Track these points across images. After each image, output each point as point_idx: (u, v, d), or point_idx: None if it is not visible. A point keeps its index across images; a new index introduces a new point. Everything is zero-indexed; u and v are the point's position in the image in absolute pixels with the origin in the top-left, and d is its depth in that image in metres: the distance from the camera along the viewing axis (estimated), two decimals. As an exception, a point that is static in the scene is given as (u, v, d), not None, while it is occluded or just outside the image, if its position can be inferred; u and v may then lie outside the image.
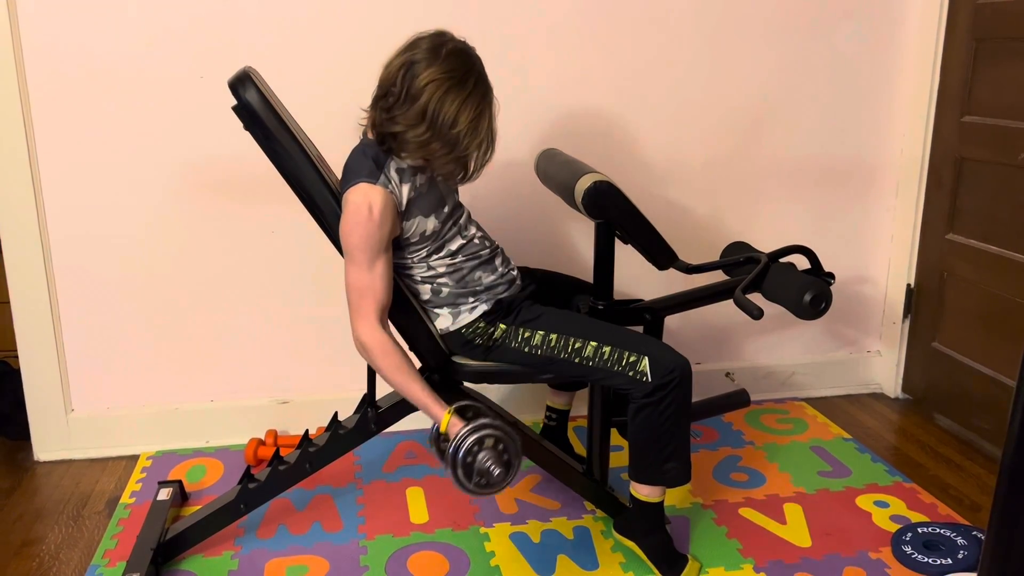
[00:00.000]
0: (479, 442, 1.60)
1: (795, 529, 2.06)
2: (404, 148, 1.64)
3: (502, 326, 1.80)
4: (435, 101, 1.57)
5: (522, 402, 2.57)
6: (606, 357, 1.75)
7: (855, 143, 2.67)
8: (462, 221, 1.81)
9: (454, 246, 1.78)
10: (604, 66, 2.45)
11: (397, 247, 1.74)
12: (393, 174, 1.67)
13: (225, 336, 2.44)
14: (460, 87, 1.58)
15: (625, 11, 2.42)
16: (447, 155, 1.62)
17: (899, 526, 2.04)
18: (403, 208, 1.68)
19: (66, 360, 2.38)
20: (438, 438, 1.75)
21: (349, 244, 1.65)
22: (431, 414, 1.68)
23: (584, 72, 2.44)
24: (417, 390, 1.68)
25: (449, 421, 1.64)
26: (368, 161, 1.67)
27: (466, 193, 1.95)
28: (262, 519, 2.08)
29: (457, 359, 1.85)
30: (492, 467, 1.61)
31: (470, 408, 1.72)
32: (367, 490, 2.22)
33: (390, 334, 1.69)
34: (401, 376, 1.68)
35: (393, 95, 1.60)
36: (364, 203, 1.62)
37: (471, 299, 1.80)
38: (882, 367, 2.85)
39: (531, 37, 2.38)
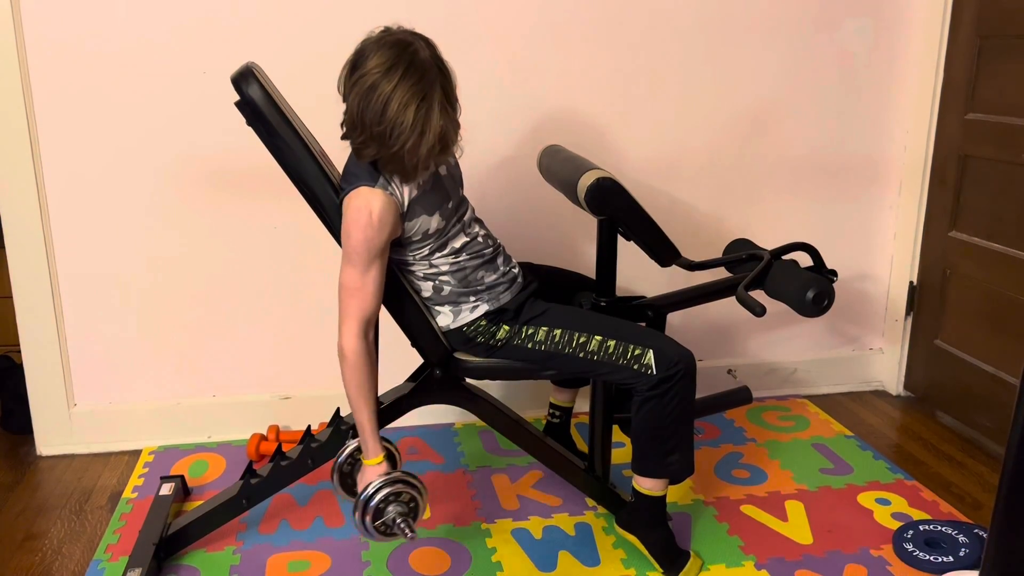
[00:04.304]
0: (396, 495, 1.66)
1: (796, 526, 2.06)
2: (360, 155, 1.60)
3: (505, 327, 1.80)
4: (361, 99, 1.52)
5: (524, 399, 2.57)
6: (611, 351, 1.75)
7: (858, 140, 2.66)
8: (466, 218, 1.81)
9: (458, 244, 1.77)
10: (608, 62, 2.44)
11: (399, 244, 1.73)
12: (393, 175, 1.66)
13: (227, 331, 2.44)
14: (385, 79, 1.50)
15: (629, 7, 2.41)
16: (386, 153, 1.55)
17: (901, 523, 2.04)
18: (405, 209, 1.67)
19: (68, 355, 2.38)
20: (348, 457, 1.82)
21: (348, 245, 1.65)
22: (367, 442, 1.70)
23: (587, 68, 2.44)
24: (365, 417, 1.69)
25: (378, 462, 1.68)
26: (367, 163, 1.67)
27: (469, 190, 1.95)
28: (264, 514, 2.09)
29: (459, 355, 1.85)
30: (400, 523, 1.66)
31: (392, 458, 1.78)
32: (369, 486, 2.23)
33: (370, 345, 1.69)
34: (358, 394, 1.68)
35: (343, 97, 1.59)
36: (365, 208, 1.62)
37: (472, 298, 1.80)
38: (884, 364, 2.85)
39: (534, 33, 2.38)
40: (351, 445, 1.86)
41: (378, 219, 1.62)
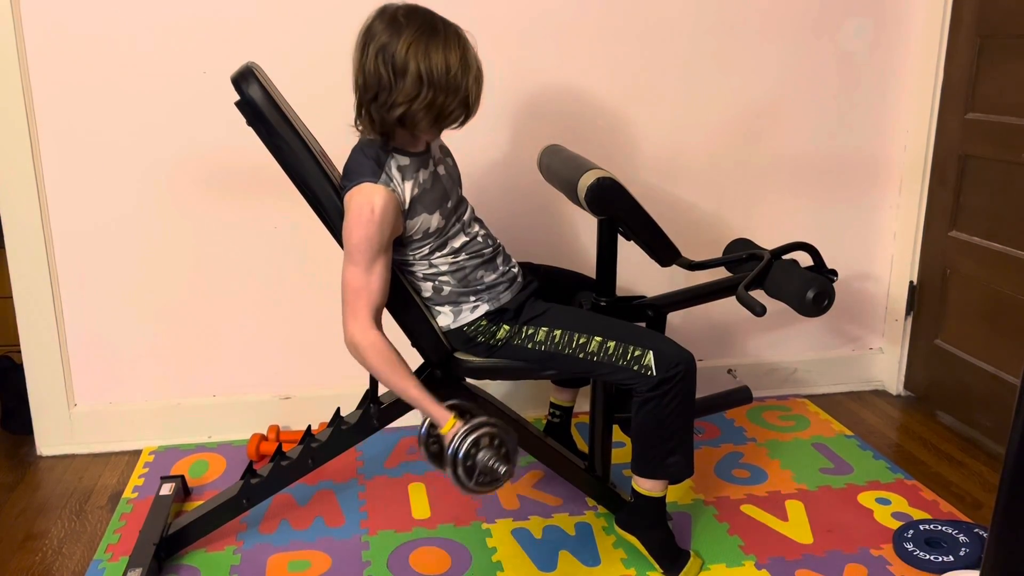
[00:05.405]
0: (475, 443, 1.60)
1: (797, 526, 2.06)
2: (416, 124, 1.62)
3: (506, 327, 1.80)
4: (423, 60, 1.56)
5: (525, 398, 2.57)
6: (611, 352, 1.75)
7: (859, 140, 2.66)
8: (466, 217, 1.81)
9: (457, 243, 1.77)
10: (608, 62, 2.44)
11: (399, 244, 1.73)
12: (395, 172, 1.66)
13: (228, 331, 2.44)
14: (434, 37, 1.58)
15: (630, 6, 2.41)
16: (455, 101, 1.61)
17: (901, 523, 2.04)
18: (406, 206, 1.68)
19: (68, 355, 2.38)
20: (428, 439, 1.73)
21: (349, 243, 1.65)
22: (429, 413, 1.66)
23: (588, 67, 2.44)
24: (412, 388, 1.66)
25: (451, 426, 1.63)
26: (369, 161, 1.66)
27: (469, 189, 1.95)
28: (264, 514, 2.09)
29: (459, 355, 1.85)
30: (495, 464, 1.61)
31: (461, 407, 1.71)
32: (369, 486, 2.23)
33: (383, 333, 1.68)
34: (396, 376, 1.66)
35: (384, 85, 1.59)
36: (367, 204, 1.62)
37: (472, 298, 1.80)
38: (884, 364, 2.85)
39: (534, 32, 2.38)
40: (424, 423, 1.74)
41: (380, 214, 1.62)
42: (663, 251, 1.93)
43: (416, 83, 1.57)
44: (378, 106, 1.61)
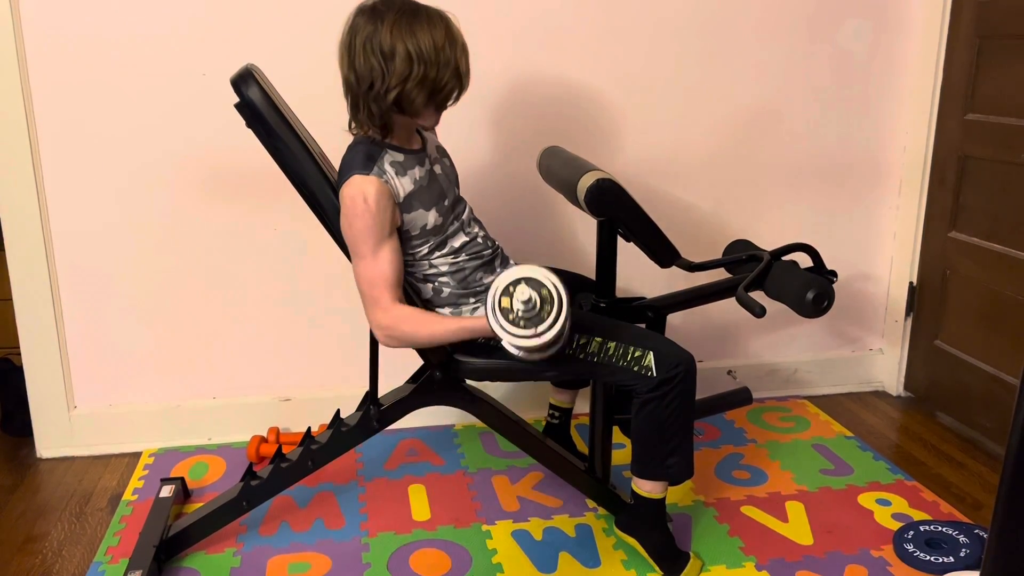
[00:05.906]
0: (501, 310, 1.51)
1: (797, 527, 2.05)
2: (412, 103, 1.62)
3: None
4: (409, 39, 1.58)
5: (524, 400, 2.56)
6: (611, 352, 1.75)
7: (858, 141, 2.66)
8: (464, 217, 1.81)
9: (457, 243, 1.77)
10: (608, 63, 2.44)
11: (399, 241, 1.73)
12: (388, 167, 1.67)
13: (227, 333, 2.44)
14: (416, 17, 1.60)
15: (629, 7, 2.41)
16: (447, 73, 1.62)
17: (901, 524, 2.04)
18: (401, 199, 1.68)
19: (68, 357, 2.38)
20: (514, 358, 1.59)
21: (350, 237, 1.65)
22: (482, 331, 1.63)
23: (587, 69, 2.44)
24: (453, 323, 1.67)
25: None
26: (360, 156, 1.67)
27: (469, 190, 1.95)
28: (264, 516, 2.09)
29: (459, 356, 1.85)
30: (536, 292, 1.49)
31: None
32: (369, 487, 2.23)
33: (405, 303, 1.70)
34: (433, 326, 1.67)
35: (376, 74, 1.60)
36: (359, 195, 1.63)
37: (472, 300, 1.80)
38: (884, 365, 2.85)
39: (534, 34, 2.38)
40: (506, 347, 1.57)
41: (375, 203, 1.62)
42: (663, 252, 1.93)
43: (406, 62, 1.59)
44: (374, 95, 1.62)
